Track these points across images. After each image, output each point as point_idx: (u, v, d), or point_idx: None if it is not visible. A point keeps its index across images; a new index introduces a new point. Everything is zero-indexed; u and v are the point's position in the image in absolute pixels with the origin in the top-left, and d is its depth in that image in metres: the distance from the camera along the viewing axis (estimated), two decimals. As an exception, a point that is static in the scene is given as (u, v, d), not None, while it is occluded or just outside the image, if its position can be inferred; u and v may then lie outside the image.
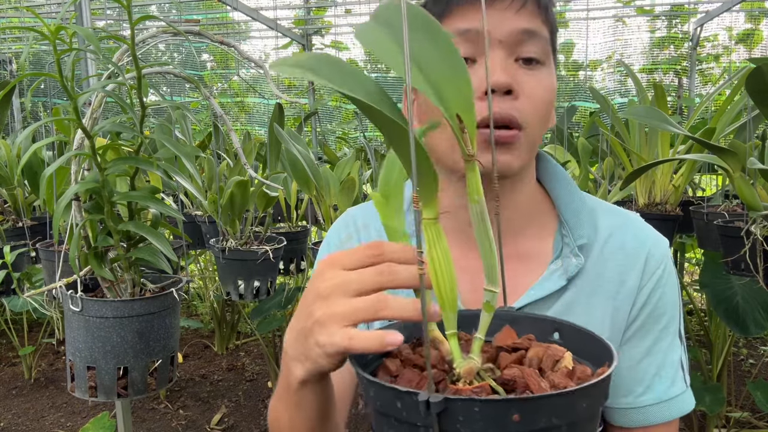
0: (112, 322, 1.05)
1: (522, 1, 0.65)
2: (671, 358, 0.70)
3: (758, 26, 4.18)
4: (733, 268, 1.57)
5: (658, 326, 0.70)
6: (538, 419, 0.36)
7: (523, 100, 0.65)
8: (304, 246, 2.19)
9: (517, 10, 0.65)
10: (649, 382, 0.69)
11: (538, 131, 0.67)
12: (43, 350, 3.44)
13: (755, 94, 1.29)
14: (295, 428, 0.58)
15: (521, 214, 0.73)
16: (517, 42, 0.65)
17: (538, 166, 0.77)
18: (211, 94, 1.53)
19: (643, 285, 0.70)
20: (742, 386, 2.84)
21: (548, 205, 0.76)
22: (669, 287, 0.71)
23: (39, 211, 2.37)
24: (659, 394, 0.69)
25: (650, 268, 0.70)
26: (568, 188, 0.75)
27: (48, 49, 4.47)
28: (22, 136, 1.09)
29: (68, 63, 0.98)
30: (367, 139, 2.86)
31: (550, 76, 0.68)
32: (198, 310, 4.03)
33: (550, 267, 0.71)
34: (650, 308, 0.70)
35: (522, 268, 0.71)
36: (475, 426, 0.36)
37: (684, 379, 0.71)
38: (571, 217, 0.72)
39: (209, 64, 5.26)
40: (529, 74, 0.66)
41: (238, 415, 2.86)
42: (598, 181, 2.48)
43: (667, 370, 0.70)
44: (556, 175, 0.76)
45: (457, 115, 0.40)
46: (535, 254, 0.73)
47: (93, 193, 1.06)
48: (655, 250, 0.72)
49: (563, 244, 0.72)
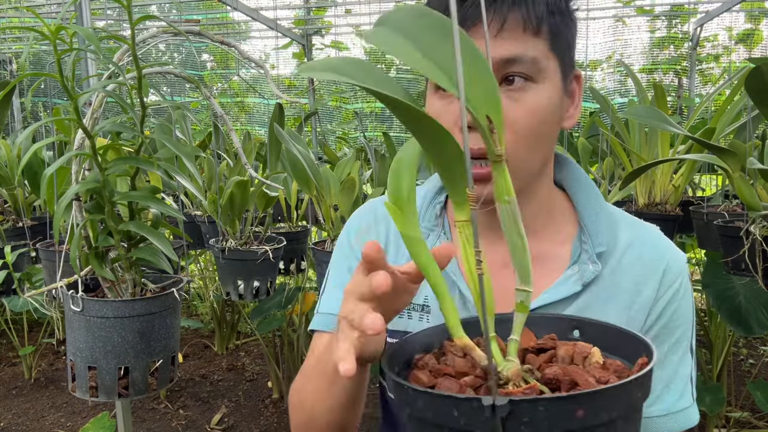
0: (113, 322, 1.05)
1: (499, 23, 0.61)
2: (682, 372, 0.70)
3: (758, 26, 4.18)
4: (733, 268, 1.57)
5: (671, 339, 0.70)
6: (601, 413, 0.36)
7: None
8: (304, 246, 2.19)
9: (496, 35, 0.62)
10: (659, 393, 0.69)
11: (525, 157, 0.65)
12: (43, 350, 3.44)
13: (755, 94, 1.29)
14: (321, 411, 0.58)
15: (535, 216, 0.72)
16: (500, 69, 0.62)
17: (560, 170, 0.76)
18: (211, 94, 1.53)
19: (659, 297, 0.70)
20: (742, 386, 2.84)
21: (568, 210, 0.75)
22: (685, 301, 0.71)
23: (39, 211, 2.37)
24: (668, 406, 0.69)
25: (668, 281, 0.70)
26: (589, 194, 0.74)
27: (48, 49, 4.47)
28: (22, 136, 1.09)
29: (68, 63, 0.98)
30: (367, 139, 2.86)
31: (542, 94, 0.64)
32: (198, 310, 4.03)
33: (567, 272, 0.70)
34: (665, 320, 0.70)
35: (537, 270, 0.71)
36: (540, 426, 0.35)
37: (692, 393, 0.71)
38: (592, 224, 0.72)
39: (209, 64, 5.26)
40: (512, 98, 0.63)
41: (238, 415, 2.86)
42: (598, 181, 2.48)
43: (677, 383, 0.70)
44: (579, 180, 0.76)
45: (486, 115, 0.39)
46: (551, 257, 0.72)
47: (93, 193, 1.06)
48: (674, 263, 0.71)
49: (582, 250, 0.71)
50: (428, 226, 0.77)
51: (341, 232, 0.84)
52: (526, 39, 0.62)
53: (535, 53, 0.63)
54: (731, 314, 2.12)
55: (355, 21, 3.99)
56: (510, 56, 0.62)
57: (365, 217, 0.83)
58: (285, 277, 2.21)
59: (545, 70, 0.64)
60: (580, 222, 0.73)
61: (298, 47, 3.94)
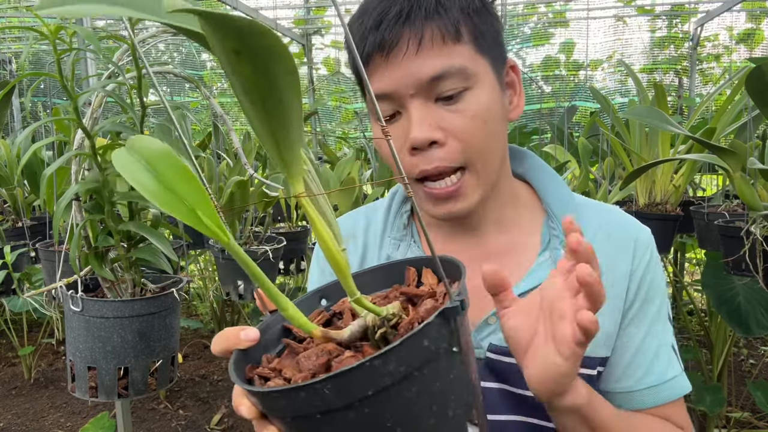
0: (113, 323, 1.05)
1: (417, 41, 0.61)
2: (666, 340, 0.72)
3: (759, 26, 4.18)
4: (733, 268, 1.57)
5: (653, 309, 0.72)
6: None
7: (452, 144, 0.63)
8: (304, 246, 2.19)
9: (416, 53, 0.61)
10: (649, 364, 0.71)
11: (486, 158, 0.66)
12: (43, 350, 3.44)
13: (755, 94, 1.29)
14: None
15: (502, 210, 0.74)
16: (429, 86, 0.62)
17: (520, 163, 0.78)
18: (211, 94, 1.53)
19: (635, 269, 0.72)
20: (742, 386, 2.84)
21: (533, 199, 0.78)
22: (657, 270, 0.74)
23: (39, 211, 2.38)
24: (658, 375, 0.70)
25: (639, 253, 0.73)
26: (555, 183, 0.76)
27: (48, 49, 4.47)
28: (21, 136, 1.09)
29: (68, 63, 0.98)
30: (367, 139, 2.85)
31: (480, 95, 0.64)
32: (198, 310, 4.03)
33: (539, 258, 0.72)
34: (644, 292, 0.72)
35: (511, 261, 0.73)
36: None
37: (678, 361, 0.73)
38: (560, 209, 0.74)
39: (209, 63, 5.26)
40: (452, 110, 0.63)
41: (238, 415, 2.85)
42: (598, 181, 2.48)
43: (664, 352, 0.72)
44: (542, 170, 0.78)
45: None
46: (522, 248, 0.74)
47: (93, 193, 1.06)
48: (641, 236, 0.74)
49: (551, 236, 0.73)
50: (397, 236, 0.78)
51: (313, 253, 0.85)
52: (449, 49, 0.62)
53: (462, 61, 0.62)
54: (731, 314, 2.12)
55: (355, 21, 3.98)
56: (436, 73, 0.61)
57: (344, 228, 0.83)
58: (285, 277, 2.21)
59: (476, 74, 0.63)
60: (547, 210, 0.75)
61: (298, 47, 3.94)
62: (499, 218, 0.74)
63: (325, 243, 0.41)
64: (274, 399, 0.37)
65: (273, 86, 0.34)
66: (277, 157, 0.39)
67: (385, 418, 0.36)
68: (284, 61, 0.33)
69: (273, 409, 0.38)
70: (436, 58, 0.61)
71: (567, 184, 0.97)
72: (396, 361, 0.35)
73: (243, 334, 0.44)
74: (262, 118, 0.36)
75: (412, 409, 0.37)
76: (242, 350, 0.45)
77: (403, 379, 0.36)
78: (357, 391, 0.35)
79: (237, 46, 0.32)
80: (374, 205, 0.84)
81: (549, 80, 4.82)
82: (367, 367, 0.35)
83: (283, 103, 0.35)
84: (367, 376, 0.35)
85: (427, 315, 0.41)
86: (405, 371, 0.36)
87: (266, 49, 0.32)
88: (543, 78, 4.79)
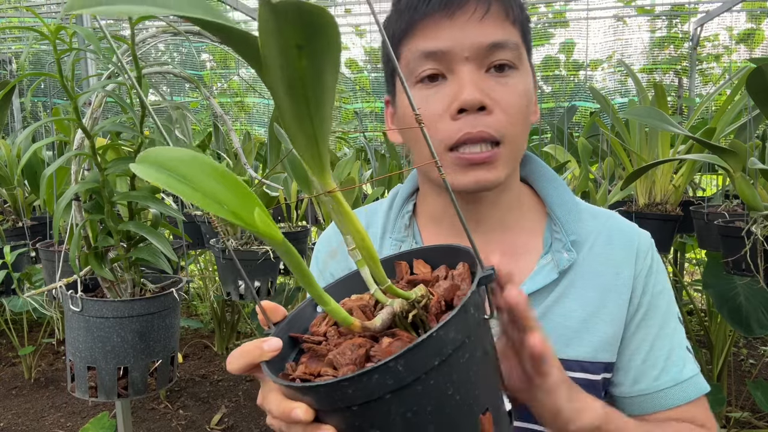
0: (113, 322, 1.05)
1: (485, 8, 0.64)
2: (679, 341, 0.72)
3: (759, 26, 4.18)
4: (733, 268, 1.57)
5: (660, 310, 0.72)
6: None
7: (498, 115, 0.64)
8: (304, 246, 2.18)
9: (481, 19, 0.64)
10: (663, 365, 0.71)
11: (519, 140, 0.67)
12: (43, 350, 3.44)
13: (756, 94, 1.29)
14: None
15: (510, 210, 0.75)
16: (486, 54, 0.64)
17: (523, 166, 0.79)
18: (211, 94, 1.53)
19: (638, 273, 0.72)
20: (742, 386, 2.84)
21: (536, 202, 0.78)
22: (661, 272, 0.74)
23: (39, 211, 2.38)
24: (674, 376, 0.70)
25: (641, 257, 0.73)
26: (557, 187, 0.77)
27: (48, 49, 4.47)
28: (22, 136, 1.09)
29: (68, 63, 0.98)
30: (367, 139, 2.85)
31: (524, 79, 0.67)
32: (198, 310, 4.03)
33: (541, 261, 0.72)
34: (649, 295, 0.72)
35: (513, 263, 0.73)
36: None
37: (694, 362, 0.73)
38: (563, 214, 0.74)
39: (209, 64, 5.26)
40: (501, 83, 0.65)
41: (238, 415, 2.85)
42: (598, 181, 2.48)
43: (678, 353, 0.72)
44: (546, 174, 0.78)
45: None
46: (525, 250, 0.74)
47: (93, 193, 1.06)
48: (642, 240, 0.75)
49: (553, 240, 0.73)
50: (398, 237, 0.78)
51: (312, 254, 0.85)
52: (508, 26, 0.65)
53: (516, 40, 0.66)
54: (732, 314, 2.12)
55: (355, 21, 3.99)
56: (497, 41, 0.64)
57: (327, 244, 0.83)
58: (285, 277, 2.21)
59: (523, 58, 0.67)
60: (550, 213, 0.75)
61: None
62: (504, 219, 0.74)
63: (359, 234, 0.43)
64: (344, 388, 0.37)
65: (320, 82, 0.33)
66: (315, 156, 0.38)
67: (446, 386, 0.39)
68: (335, 55, 0.32)
69: (339, 400, 0.38)
70: (498, 29, 0.64)
71: (567, 184, 0.97)
72: (455, 330, 0.39)
73: (266, 346, 0.44)
74: (304, 115, 0.35)
75: (467, 375, 0.40)
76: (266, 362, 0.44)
77: (459, 348, 0.39)
78: (427, 362, 0.38)
79: (302, 40, 0.30)
80: (372, 207, 0.84)
81: (549, 80, 4.82)
82: (434, 338, 0.37)
83: (324, 99, 0.35)
84: (435, 346, 0.38)
85: (450, 293, 0.45)
86: (461, 339, 0.39)
87: (326, 42, 0.31)
88: (543, 78, 4.79)
